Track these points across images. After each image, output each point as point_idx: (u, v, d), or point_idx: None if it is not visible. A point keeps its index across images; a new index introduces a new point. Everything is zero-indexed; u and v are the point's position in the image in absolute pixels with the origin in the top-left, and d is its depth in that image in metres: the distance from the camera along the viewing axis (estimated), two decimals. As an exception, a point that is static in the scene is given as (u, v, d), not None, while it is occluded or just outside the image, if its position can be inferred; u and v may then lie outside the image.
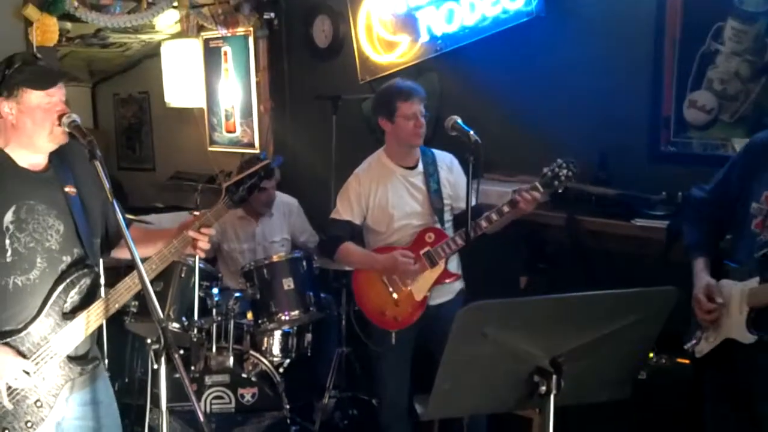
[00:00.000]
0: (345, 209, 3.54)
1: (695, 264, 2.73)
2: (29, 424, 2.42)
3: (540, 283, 3.85)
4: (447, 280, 3.48)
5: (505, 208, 3.26)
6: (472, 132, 3.02)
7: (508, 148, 3.94)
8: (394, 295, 3.46)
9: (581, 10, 3.86)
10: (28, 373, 2.38)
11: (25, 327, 2.40)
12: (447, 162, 3.55)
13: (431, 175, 3.49)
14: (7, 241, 2.37)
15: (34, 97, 2.37)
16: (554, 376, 1.96)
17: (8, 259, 2.37)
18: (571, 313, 1.99)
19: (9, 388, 2.37)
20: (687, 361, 2.98)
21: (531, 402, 2.07)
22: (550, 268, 3.89)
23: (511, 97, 4.09)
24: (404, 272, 3.40)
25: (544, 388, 1.98)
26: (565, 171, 3.21)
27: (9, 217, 2.37)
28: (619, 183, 3.66)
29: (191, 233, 2.58)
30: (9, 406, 2.38)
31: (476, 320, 1.91)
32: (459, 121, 3.10)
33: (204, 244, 2.62)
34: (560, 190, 3.26)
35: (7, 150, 2.42)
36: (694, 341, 2.69)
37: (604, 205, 3.59)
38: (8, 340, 2.37)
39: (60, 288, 2.44)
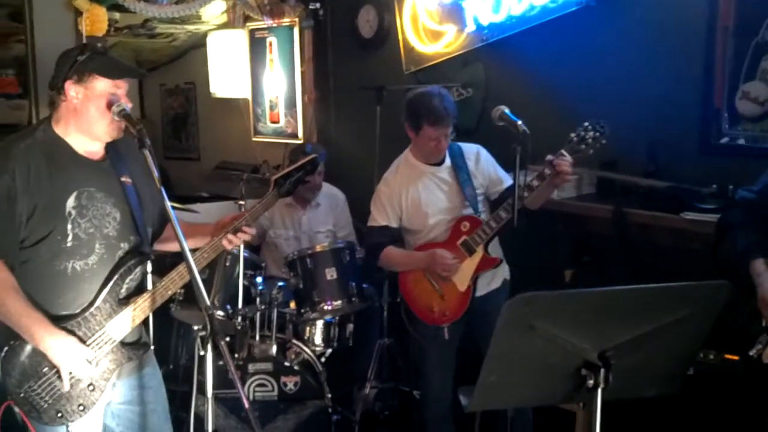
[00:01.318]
0: (380, 215, 3.58)
1: (755, 265, 2.63)
2: (81, 407, 2.47)
3: (585, 276, 3.81)
4: (488, 267, 3.44)
5: (535, 182, 3.20)
6: (520, 122, 2.99)
7: (555, 139, 3.86)
8: (439, 290, 3.46)
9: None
10: (89, 361, 2.43)
11: (82, 312, 2.46)
12: (474, 153, 3.55)
13: (460, 167, 3.49)
14: (69, 226, 2.42)
15: (101, 84, 2.43)
16: (602, 370, 1.93)
17: (69, 244, 2.43)
18: (622, 306, 1.96)
19: (69, 373, 2.42)
20: (735, 358, 2.93)
21: (578, 396, 2.05)
22: (595, 262, 3.85)
23: (557, 89, 4.04)
24: (443, 267, 3.39)
25: (591, 382, 1.95)
26: (591, 133, 3.14)
27: (71, 202, 2.43)
28: (669, 175, 3.59)
29: (247, 230, 2.68)
30: (67, 389, 2.43)
31: (524, 312, 1.89)
32: (507, 111, 3.07)
33: (248, 237, 2.72)
34: (590, 153, 3.18)
35: (66, 138, 2.47)
36: (759, 346, 2.61)
37: (653, 197, 3.53)
38: (66, 324, 2.42)
39: (117, 275, 2.50)
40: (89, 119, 2.44)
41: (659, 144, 3.67)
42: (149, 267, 2.71)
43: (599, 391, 1.96)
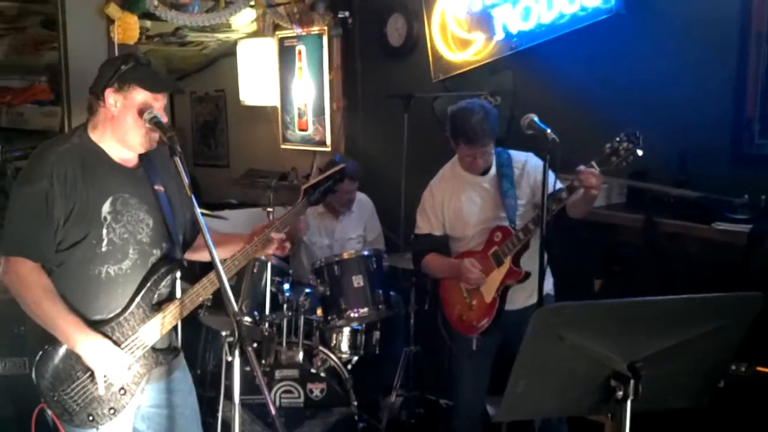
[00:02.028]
0: (424, 223, 3.60)
1: None
2: (112, 411, 2.49)
3: (615, 286, 3.77)
4: (514, 279, 3.38)
5: (564, 194, 3.12)
6: (549, 130, 2.96)
7: (584, 148, 3.83)
8: (469, 300, 3.46)
9: (662, 7, 3.76)
10: (124, 365, 2.46)
11: (116, 317, 2.49)
12: (521, 162, 3.49)
13: (506, 176, 3.45)
14: (104, 231, 2.45)
15: (141, 96, 2.46)
16: (632, 381, 1.91)
17: (104, 249, 2.46)
18: (652, 317, 1.93)
19: (104, 376, 2.45)
20: (768, 371, 2.88)
21: (606, 407, 2.03)
22: (625, 271, 3.81)
23: (587, 97, 4.01)
24: (467, 278, 3.39)
25: (621, 393, 1.93)
26: (625, 144, 3.01)
27: (107, 207, 2.46)
28: (699, 185, 3.54)
29: (274, 235, 2.72)
30: (102, 393, 2.45)
31: (553, 322, 1.88)
32: (536, 119, 3.04)
33: (276, 250, 2.76)
34: (622, 165, 3.07)
35: (102, 145, 2.51)
36: None
37: (684, 207, 3.49)
38: (101, 329, 2.45)
39: (151, 281, 2.53)
40: (125, 128, 2.47)
41: (690, 153, 3.63)
42: (178, 273, 2.72)
43: (629, 402, 1.94)
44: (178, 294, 2.64)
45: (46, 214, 2.39)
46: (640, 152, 3.03)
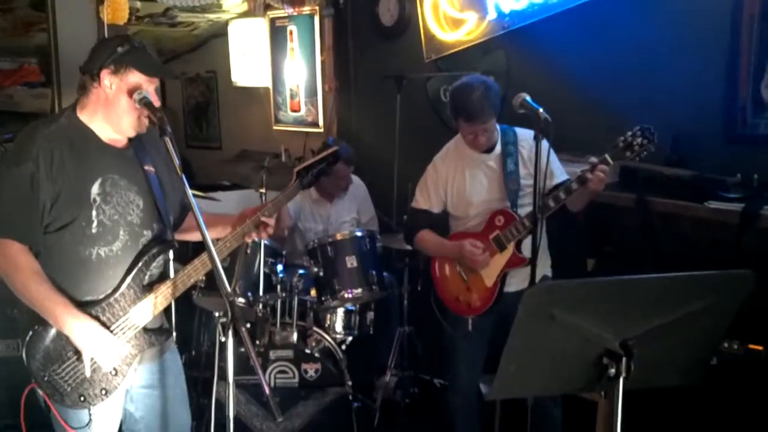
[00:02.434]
0: (423, 198, 3.56)
1: None
2: (103, 392, 2.50)
3: (608, 266, 3.79)
4: (517, 265, 3.38)
5: (574, 185, 3.15)
6: (541, 110, 2.95)
7: (577, 128, 3.85)
8: (467, 281, 3.45)
9: (655, -13, 3.76)
10: (112, 347, 2.45)
11: (107, 298, 2.48)
12: (529, 139, 3.41)
13: (510, 155, 3.41)
14: (94, 213, 2.44)
15: (135, 78, 2.45)
16: (624, 359, 1.93)
17: (93, 230, 2.45)
18: (644, 295, 1.94)
19: (91, 358, 2.45)
20: (760, 348, 2.90)
21: (598, 385, 2.05)
22: (618, 251, 3.82)
23: (580, 76, 4.00)
24: (472, 261, 3.37)
25: (613, 371, 1.94)
26: (639, 139, 3.03)
27: (96, 189, 2.45)
28: (692, 164, 3.55)
29: (264, 218, 2.69)
30: (89, 374, 2.46)
31: (544, 301, 1.89)
32: (528, 98, 3.03)
33: (271, 230, 2.73)
34: (636, 160, 3.09)
35: (91, 126, 2.49)
36: None
37: (676, 186, 3.49)
38: (90, 310, 2.45)
39: (141, 262, 2.53)
40: (118, 111, 2.46)
41: (683, 133, 3.63)
42: (171, 255, 2.72)
43: (621, 380, 1.95)
44: (171, 275, 2.63)
45: (32, 196, 2.38)
46: (653, 148, 3.05)
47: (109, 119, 2.49)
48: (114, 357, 2.47)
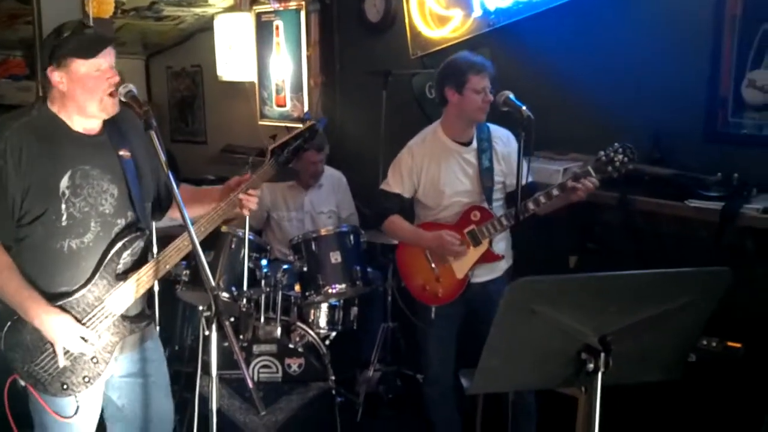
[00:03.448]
0: (396, 182, 3.53)
1: None
2: (86, 379, 2.51)
3: (590, 263, 3.81)
4: (489, 261, 3.45)
5: (555, 191, 3.20)
6: (524, 107, 2.97)
7: (560, 125, 3.89)
8: (436, 271, 3.46)
9: (639, -14, 3.78)
10: (85, 339, 2.46)
11: (79, 289, 2.48)
12: (503, 137, 3.50)
13: (484, 151, 3.44)
14: (63, 206, 2.43)
15: (81, 66, 2.41)
16: (602, 354, 1.95)
17: (63, 223, 2.44)
18: (622, 291, 1.96)
19: (63, 349, 2.45)
20: (738, 345, 2.94)
21: (578, 380, 2.07)
22: (600, 248, 3.85)
23: (564, 74, 4.02)
24: (449, 252, 3.39)
25: (591, 366, 1.97)
26: (621, 156, 3.12)
27: (65, 182, 2.44)
28: (673, 163, 3.59)
29: (241, 195, 2.65)
30: (65, 363, 2.46)
31: (525, 296, 1.90)
32: (511, 96, 3.06)
33: (252, 204, 2.69)
34: (614, 176, 3.17)
35: (61, 116, 2.48)
36: None
37: (658, 185, 3.52)
38: (62, 302, 2.45)
39: (113, 250, 2.52)
40: (79, 101, 2.44)
41: (664, 131, 3.66)
42: (155, 249, 2.71)
43: (599, 375, 1.97)
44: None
45: (0, 191, 2.37)
46: (632, 166, 3.15)
47: (75, 109, 2.47)
48: (87, 347, 2.47)
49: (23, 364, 2.45)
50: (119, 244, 2.53)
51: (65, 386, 2.48)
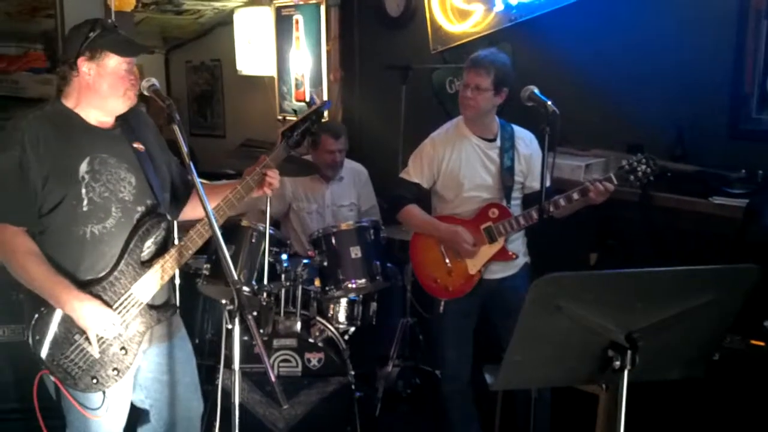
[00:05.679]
0: (416, 171, 3.54)
1: None
2: (116, 372, 2.52)
3: (610, 260, 3.79)
4: (503, 259, 3.44)
5: (575, 195, 3.20)
6: (549, 102, 2.96)
7: (583, 121, 3.87)
8: (449, 265, 3.46)
9: (662, -19, 3.75)
10: (116, 324, 2.47)
11: (106, 276, 2.50)
12: (526, 139, 3.51)
13: (507, 150, 3.44)
14: (83, 191, 2.46)
15: (113, 61, 2.47)
16: (629, 352, 1.94)
17: (84, 209, 2.46)
18: (648, 288, 1.95)
19: (98, 337, 2.46)
20: (762, 343, 2.92)
21: (602, 377, 2.06)
22: (620, 245, 3.83)
23: (586, 70, 4.00)
24: (460, 249, 3.40)
25: (618, 363, 1.96)
26: (643, 167, 3.12)
27: (84, 167, 2.47)
28: (696, 159, 3.57)
29: (263, 170, 2.71)
30: (97, 354, 2.47)
31: (551, 292, 1.90)
32: (536, 91, 3.05)
33: (275, 182, 2.75)
34: (636, 185, 3.19)
35: (77, 110, 2.51)
36: None
37: (680, 181, 3.50)
38: (91, 289, 2.46)
39: (136, 237, 2.54)
40: (102, 94, 2.49)
41: (687, 127, 3.64)
42: (176, 240, 2.72)
43: (626, 372, 1.96)
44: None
45: (21, 178, 2.40)
46: (653, 178, 3.16)
47: (95, 103, 2.51)
48: (120, 330, 2.48)
49: (53, 357, 2.45)
50: (142, 230, 2.55)
51: (96, 380, 2.49)
